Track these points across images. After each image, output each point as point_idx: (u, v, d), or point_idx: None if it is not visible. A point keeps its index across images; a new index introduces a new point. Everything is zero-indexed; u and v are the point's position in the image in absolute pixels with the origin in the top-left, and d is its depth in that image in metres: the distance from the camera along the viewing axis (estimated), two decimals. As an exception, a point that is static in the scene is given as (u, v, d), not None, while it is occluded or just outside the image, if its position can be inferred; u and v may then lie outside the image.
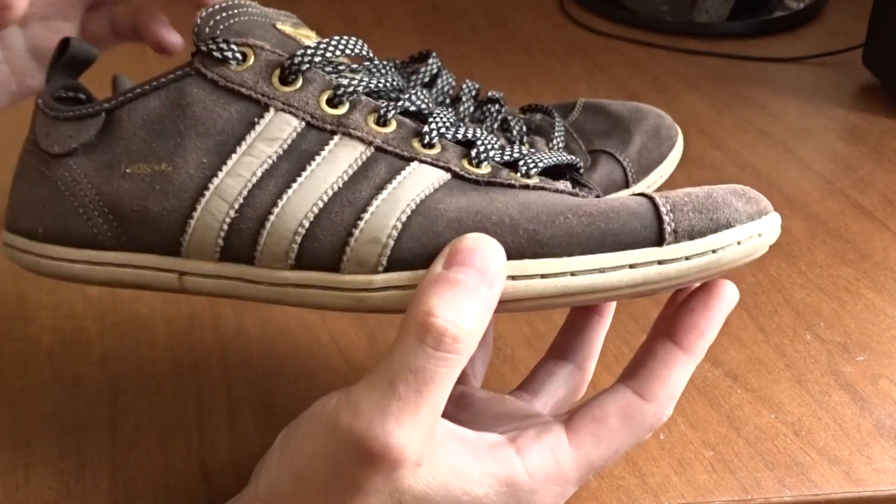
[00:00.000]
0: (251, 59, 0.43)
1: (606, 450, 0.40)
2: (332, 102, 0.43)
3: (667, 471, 0.49)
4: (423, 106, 0.45)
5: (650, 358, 0.41)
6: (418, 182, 0.42)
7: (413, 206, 0.41)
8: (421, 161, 0.43)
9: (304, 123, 0.43)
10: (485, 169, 0.43)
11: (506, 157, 0.44)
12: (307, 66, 0.43)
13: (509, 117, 0.65)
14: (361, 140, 0.43)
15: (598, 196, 0.44)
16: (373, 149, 0.43)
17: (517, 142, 0.45)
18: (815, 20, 0.99)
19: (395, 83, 0.46)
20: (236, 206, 0.42)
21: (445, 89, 0.63)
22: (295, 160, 0.42)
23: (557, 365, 0.47)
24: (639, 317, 0.58)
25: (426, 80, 0.63)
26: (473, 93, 0.64)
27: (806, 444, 0.50)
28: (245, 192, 0.42)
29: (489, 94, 0.65)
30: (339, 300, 0.41)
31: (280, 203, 0.42)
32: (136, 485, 0.48)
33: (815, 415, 0.52)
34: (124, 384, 0.54)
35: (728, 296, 0.41)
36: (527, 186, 0.42)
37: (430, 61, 0.63)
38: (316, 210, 0.41)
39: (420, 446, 0.36)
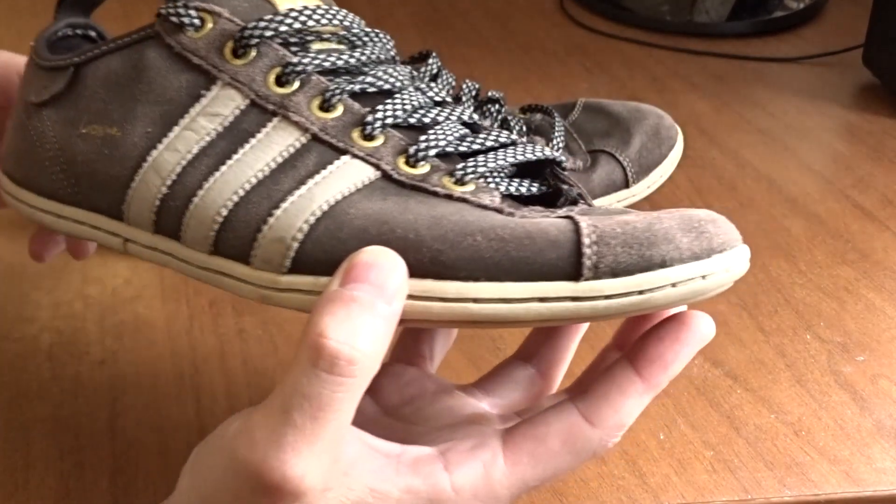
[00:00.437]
0: (208, 27, 0.41)
1: (543, 471, 0.38)
2: (280, 80, 0.41)
3: (667, 471, 0.49)
4: (388, 85, 0.42)
5: (606, 381, 0.38)
6: (342, 179, 0.39)
7: (325, 208, 0.39)
8: (354, 155, 0.40)
9: (248, 101, 0.40)
10: (420, 168, 0.40)
11: (462, 149, 0.41)
12: (256, 39, 0.41)
13: (509, 117, 0.65)
14: (298, 126, 0.40)
15: (578, 195, 0.41)
16: (309, 136, 0.40)
17: (492, 132, 0.42)
18: (815, 20, 0.99)
19: (371, 57, 0.43)
20: (168, 182, 0.41)
21: (445, 89, 0.63)
22: (231, 140, 0.40)
23: (518, 367, 0.45)
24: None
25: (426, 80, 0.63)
26: (473, 93, 0.64)
27: (806, 444, 0.50)
28: (178, 169, 0.40)
29: (489, 94, 0.65)
30: (250, 293, 0.40)
31: (206, 186, 0.40)
32: (136, 485, 0.48)
33: (815, 415, 0.52)
34: (124, 384, 0.54)
35: (702, 330, 0.38)
36: (450, 196, 0.39)
37: (430, 61, 0.63)
38: (236, 198, 0.40)
39: (323, 473, 0.35)
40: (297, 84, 0.41)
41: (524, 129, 0.64)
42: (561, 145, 0.64)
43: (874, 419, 0.52)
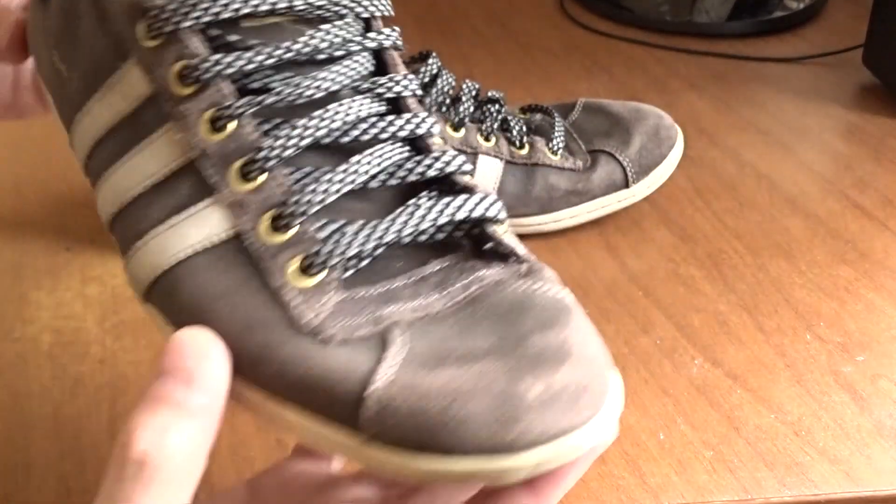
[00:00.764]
0: None
1: None
2: (182, 77, 0.34)
3: (667, 471, 0.49)
4: (318, 93, 0.34)
5: (494, 493, 0.35)
6: (197, 230, 0.34)
7: (172, 262, 0.34)
8: (217, 201, 0.34)
9: (152, 89, 0.35)
10: (280, 235, 0.33)
11: (393, 182, 0.34)
12: (169, 29, 0.34)
13: (509, 117, 0.65)
14: (181, 142, 0.34)
15: (511, 253, 0.35)
16: (188, 159, 0.34)
17: (437, 156, 0.36)
18: (815, 20, 0.99)
19: (328, 40, 0.36)
20: (82, 154, 0.38)
21: (445, 89, 0.63)
22: (132, 131, 0.36)
23: None
24: (639, 317, 0.58)
25: (426, 80, 0.63)
26: (473, 93, 0.64)
27: (806, 444, 0.50)
28: (91, 143, 0.37)
29: (489, 94, 0.65)
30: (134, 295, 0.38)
31: (104, 176, 0.37)
32: (136, 485, 0.48)
33: (815, 415, 0.52)
34: (124, 384, 0.54)
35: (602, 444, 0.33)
36: (276, 294, 0.33)
37: (430, 61, 0.63)
38: (118, 207, 0.36)
39: None
40: (196, 86, 0.34)
41: (524, 128, 0.64)
42: (561, 145, 0.65)
43: (874, 419, 0.52)
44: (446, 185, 0.36)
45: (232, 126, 0.34)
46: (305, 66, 0.35)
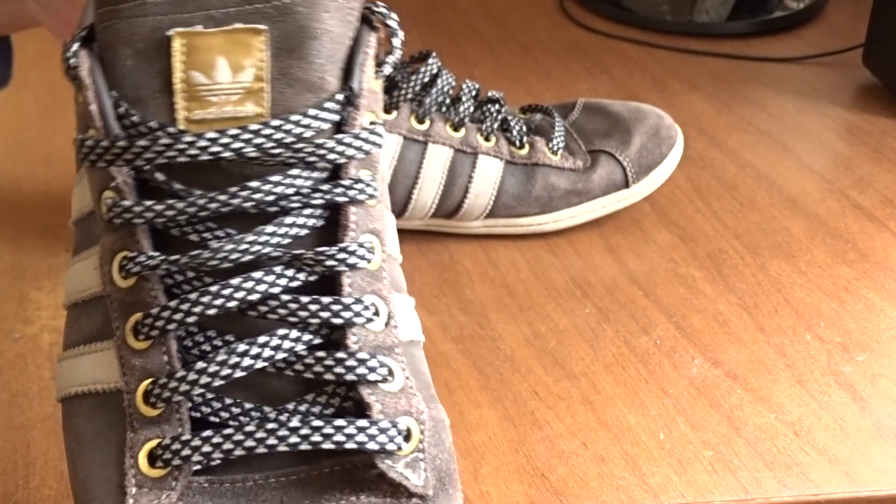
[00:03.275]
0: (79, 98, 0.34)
1: None
2: (108, 208, 0.33)
3: (667, 471, 0.49)
4: (246, 256, 0.31)
5: None
6: (92, 371, 0.34)
7: (70, 394, 0.35)
8: (113, 349, 0.33)
9: (94, 205, 0.34)
10: (149, 410, 0.31)
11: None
12: (102, 165, 0.32)
13: (509, 117, 0.65)
14: (101, 296, 0.34)
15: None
16: (104, 292, 0.34)
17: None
18: (815, 20, 0.99)
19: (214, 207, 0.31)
20: (72, 216, 0.38)
21: (445, 89, 0.63)
22: (88, 233, 0.36)
23: None
24: (639, 317, 0.58)
25: (426, 80, 0.63)
26: (473, 93, 0.64)
27: (806, 444, 0.50)
28: (75, 216, 0.38)
29: (489, 94, 0.66)
30: None
31: (71, 260, 0.37)
32: (136, 485, 0.48)
33: (815, 415, 0.52)
34: (124, 384, 0.54)
35: None
36: (122, 475, 0.32)
37: (430, 61, 0.63)
38: (67, 302, 0.38)
39: None
40: (115, 223, 0.33)
41: (524, 128, 0.64)
42: (561, 145, 0.65)
43: (874, 419, 0.52)
44: (352, 394, 0.32)
45: (136, 279, 0.32)
46: (233, 219, 0.32)
